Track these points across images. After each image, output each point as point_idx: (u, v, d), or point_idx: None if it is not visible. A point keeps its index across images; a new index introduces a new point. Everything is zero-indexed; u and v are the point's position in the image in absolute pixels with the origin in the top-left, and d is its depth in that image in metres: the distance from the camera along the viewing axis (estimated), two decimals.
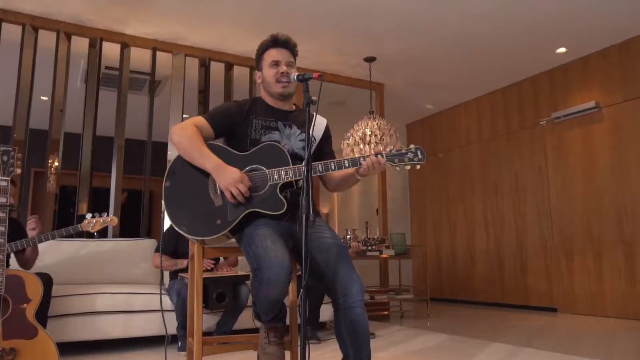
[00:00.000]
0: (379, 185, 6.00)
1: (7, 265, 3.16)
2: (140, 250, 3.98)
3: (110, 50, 4.74)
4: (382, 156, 2.00)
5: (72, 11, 4.28)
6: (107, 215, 3.27)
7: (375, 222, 6.13)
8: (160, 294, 2.02)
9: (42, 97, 5.51)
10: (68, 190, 5.22)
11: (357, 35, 4.75)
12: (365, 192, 8.35)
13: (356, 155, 2.07)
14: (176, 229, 1.92)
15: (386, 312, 5.34)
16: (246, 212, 1.93)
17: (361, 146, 4.98)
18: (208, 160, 1.94)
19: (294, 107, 2.25)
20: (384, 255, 5.16)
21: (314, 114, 2.27)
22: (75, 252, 3.78)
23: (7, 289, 2.05)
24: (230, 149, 2.04)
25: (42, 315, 2.94)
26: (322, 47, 5.05)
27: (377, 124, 5.05)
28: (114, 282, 3.73)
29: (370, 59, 5.27)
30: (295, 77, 1.99)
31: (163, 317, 2.08)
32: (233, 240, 2.08)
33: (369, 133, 4.97)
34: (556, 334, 3.97)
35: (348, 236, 5.06)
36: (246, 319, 3.41)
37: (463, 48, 5.02)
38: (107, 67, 5.26)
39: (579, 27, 4.61)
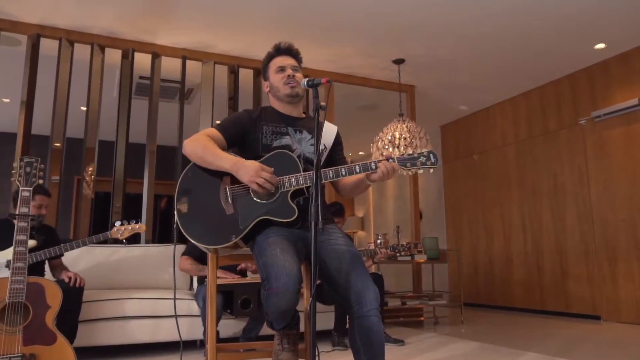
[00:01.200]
0: (410, 189, 5.90)
1: (43, 271, 3.29)
2: (170, 256, 4.04)
3: (143, 61, 4.87)
4: (394, 161, 1.95)
5: (105, 24, 4.41)
6: (136, 222, 3.35)
7: (411, 226, 6.02)
8: (174, 299, 2.03)
9: (81, 108, 5.71)
10: (104, 196, 5.38)
11: (384, 37, 4.70)
12: (400, 196, 8.25)
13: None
14: (188, 238, 1.93)
15: (421, 318, 5.25)
16: (257, 219, 1.93)
17: (390, 149, 4.91)
18: (225, 161, 1.95)
19: (303, 115, 2.24)
20: (420, 260, 5.06)
21: (324, 121, 2.26)
22: (106, 257, 3.89)
23: (27, 296, 2.12)
24: (242, 159, 2.04)
25: (73, 320, 3.04)
26: (349, 51, 5.01)
27: (406, 126, 4.97)
28: (144, 287, 3.81)
29: (398, 61, 5.19)
30: (305, 83, 1.97)
31: (177, 323, 2.11)
32: (247, 248, 2.07)
33: (398, 136, 4.89)
34: (597, 344, 3.79)
35: (378, 240, 4.98)
36: None
37: (494, 47, 4.88)
38: (140, 77, 5.41)
39: (618, 21, 4.40)
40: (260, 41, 4.77)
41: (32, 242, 3.03)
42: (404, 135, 4.89)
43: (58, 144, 4.41)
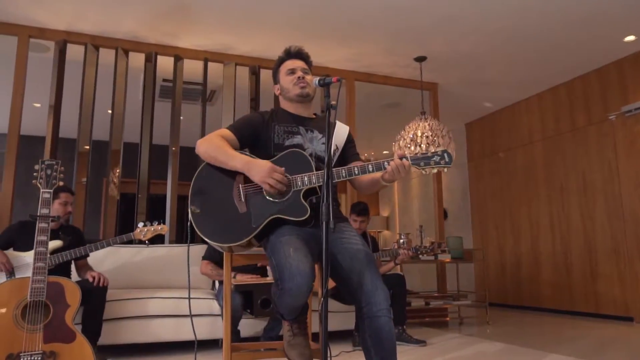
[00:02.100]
0: (434, 188, 5.84)
1: (69, 271, 3.38)
2: (192, 256, 4.08)
3: (166, 64, 4.94)
4: (407, 159, 1.93)
5: (128, 29, 4.50)
6: (159, 224, 3.41)
7: (435, 225, 5.95)
8: (189, 299, 2.06)
9: (109, 111, 5.84)
10: (131, 198, 5.48)
11: (404, 35, 4.65)
12: (425, 195, 8.17)
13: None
14: (201, 236, 1.95)
15: (447, 319, 5.18)
16: (270, 218, 1.93)
17: (412, 148, 4.86)
18: (237, 160, 1.96)
19: (314, 115, 2.25)
20: (444, 260, 4.99)
21: (335, 121, 2.26)
22: (130, 258, 3.96)
23: (47, 295, 2.18)
24: (255, 158, 2.05)
25: (97, 319, 3.11)
26: (370, 50, 4.99)
27: (428, 124, 4.91)
28: (167, 287, 3.87)
29: (420, 59, 5.14)
30: (316, 82, 1.97)
31: (192, 322, 2.12)
32: (261, 247, 2.08)
33: (419, 134, 4.84)
34: (629, 346, 3.67)
35: (401, 240, 4.94)
36: None
37: (519, 42, 4.78)
38: (164, 80, 5.50)
39: None
40: (281, 42, 4.79)
41: (58, 243, 3.14)
42: (425, 133, 4.83)
43: (86, 147, 4.52)
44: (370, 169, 1.94)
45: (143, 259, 4.00)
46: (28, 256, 3.01)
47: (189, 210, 1.99)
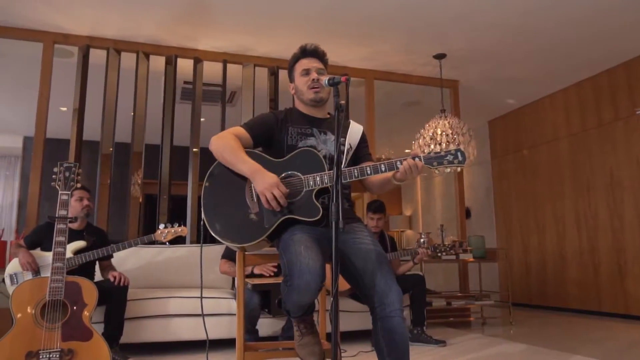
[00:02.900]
0: (455, 187, 5.77)
1: (93, 270, 3.46)
2: (213, 256, 4.13)
3: (187, 66, 5.00)
4: (420, 159, 1.91)
5: (149, 33, 4.57)
6: (179, 225, 3.46)
7: (457, 224, 5.88)
8: (201, 298, 2.08)
9: (131, 113, 5.95)
10: (154, 198, 5.57)
11: (423, 32, 4.61)
12: (447, 194, 8.08)
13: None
14: (213, 235, 1.97)
15: (471, 319, 5.12)
16: (282, 218, 1.94)
17: (432, 146, 4.81)
18: (246, 166, 1.97)
19: (328, 116, 2.24)
20: (466, 259, 4.93)
21: (349, 120, 2.26)
22: (152, 257, 4.03)
23: (65, 295, 2.23)
24: (267, 156, 2.06)
25: (119, 317, 3.17)
26: (388, 48, 4.95)
27: (448, 122, 4.85)
28: (188, 287, 3.92)
29: (440, 56, 5.08)
30: (325, 82, 1.96)
31: (204, 321, 2.14)
32: (274, 247, 2.09)
33: (439, 133, 4.79)
34: None
35: (422, 240, 4.91)
36: None
37: (540, 37, 4.68)
38: (185, 82, 5.57)
39: None
40: (299, 42, 4.68)
41: (82, 243, 3.22)
42: (445, 131, 4.78)
43: (110, 149, 4.61)
44: (383, 169, 1.93)
45: (164, 259, 4.06)
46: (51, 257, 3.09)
47: (202, 208, 2.01)
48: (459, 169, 1.90)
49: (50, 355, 2.09)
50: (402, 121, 6.93)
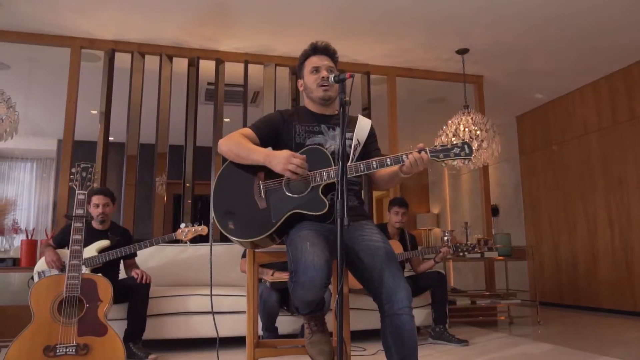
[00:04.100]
0: (481, 184, 5.67)
1: (118, 269, 3.55)
2: (235, 254, 4.19)
3: (210, 68, 5.07)
4: (426, 152, 1.89)
5: (171, 35, 4.66)
6: (199, 225, 3.52)
7: (482, 222, 5.78)
8: (211, 296, 2.11)
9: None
10: (179, 198, 5.68)
11: (444, 27, 4.54)
12: (475, 191, 7.94)
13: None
14: (223, 232, 1.99)
15: (502, 318, 5.03)
16: (289, 213, 1.95)
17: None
18: (257, 154, 1.99)
19: (336, 112, 2.23)
20: (494, 257, 4.84)
21: (358, 115, 2.25)
22: (175, 256, 4.11)
23: (82, 291, 2.30)
24: (273, 150, 2.08)
25: (141, 314, 3.25)
26: (409, 45, 4.90)
27: (471, 118, 4.77)
28: (209, 285, 3.97)
29: (462, 51, 4.99)
30: (332, 79, 1.96)
31: (214, 319, 2.18)
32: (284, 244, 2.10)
33: (462, 129, 4.72)
34: None
35: (445, 238, 4.84)
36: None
37: (566, 29, 4.54)
38: (209, 83, 5.66)
39: None
40: (327, 42, 4.79)
41: (106, 242, 3.31)
42: (468, 127, 4.70)
43: (135, 150, 4.72)
44: (389, 163, 1.92)
45: (187, 258, 4.13)
46: None
47: (211, 208, 2.04)
48: (465, 162, 1.85)
49: (67, 350, 2.16)
50: (427, 118, 6.85)
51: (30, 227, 7.35)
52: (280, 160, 1.91)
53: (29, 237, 4.11)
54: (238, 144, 2.04)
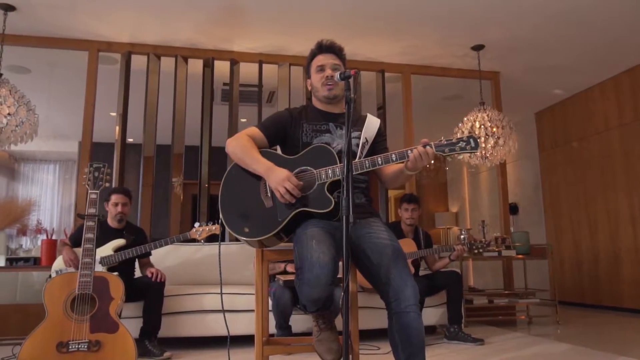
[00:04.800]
0: (498, 181, 5.59)
1: (133, 267, 3.60)
2: (249, 253, 4.20)
3: (226, 68, 5.11)
4: (431, 146, 1.88)
5: (186, 37, 4.71)
6: (213, 224, 3.55)
7: (500, 220, 5.70)
8: (221, 294, 2.12)
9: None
10: (195, 198, 5.73)
11: (458, 23, 4.49)
12: (494, 189, 7.83)
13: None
14: (230, 231, 2.01)
15: (522, 317, 4.96)
16: (295, 211, 1.96)
17: None
18: (259, 164, 2.00)
19: (344, 110, 2.22)
20: (513, 256, 4.77)
21: (367, 114, 2.24)
22: (191, 255, 4.15)
23: (94, 289, 2.34)
24: (281, 154, 2.10)
25: (156, 312, 3.30)
26: (424, 41, 4.86)
27: (487, 115, 4.72)
28: (225, 283, 4.00)
29: (477, 47, 4.93)
30: (337, 77, 1.96)
31: (224, 317, 2.19)
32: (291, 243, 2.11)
33: (478, 126, 4.66)
34: None
35: (462, 236, 4.79)
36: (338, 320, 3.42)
37: (584, 22, 4.44)
38: (224, 84, 5.69)
39: None
40: (332, 39, 4.79)
41: (121, 241, 3.36)
42: (484, 124, 4.64)
43: (151, 151, 4.78)
44: (394, 158, 1.91)
45: (202, 257, 4.17)
46: (97, 254, 3.24)
47: (219, 207, 2.06)
48: (470, 156, 1.83)
49: (79, 346, 2.21)
50: (443, 116, 6.78)
51: (54, 227, 7.52)
52: (276, 178, 1.92)
53: (49, 237, 4.20)
54: (244, 149, 2.05)
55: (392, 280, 1.85)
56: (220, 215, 2.05)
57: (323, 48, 2.22)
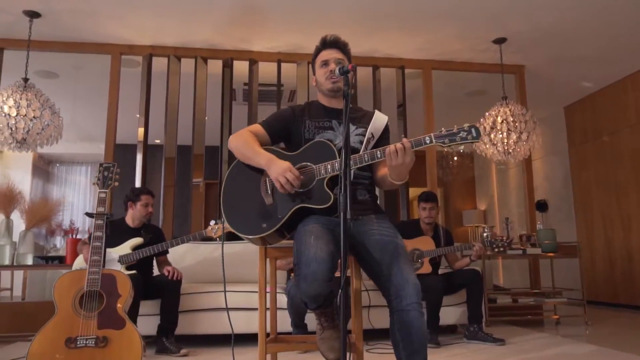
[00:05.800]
0: (523, 178, 5.45)
1: (151, 265, 3.66)
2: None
3: (246, 68, 5.14)
4: (411, 142, 1.80)
5: (205, 38, 4.77)
6: None
7: (526, 217, 5.55)
8: (225, 292, 2.13)
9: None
10: (215, 198, 5.78)
11: (478, 16, 4.39)
12: (522, 186, 7.62)
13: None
14: (232, 229, 2.01)
15: (555, 317, 4.81)
16: (295, 208, 1.95)
17: (492, 135, 4.58)
18: (261, 157, 2.01)
19: (350, 106, 2.19)
20: (540, 254, 4.64)
21: (375, 110, 2.22)
22: (209, 253, 4.19)
23: (102, 286, 2.39)
24: (282, 151, 2.09)
25: (173, 310, 3.34)
26: (443, 36, 4.78)
27: (509, 110, 4.60)
28: (243, 282, 4.02)
29: (499, 40, 4.81)
30: (337, 72, 1.94)
31: (228, 316, 2.19)
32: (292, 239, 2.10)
33: (500, 120, 4.55)
34: None
35: (485, 234, 4.68)
36: None
37: (610, 10, 4.26)
38: (245, 84, 5.73)
39: None
40: (349, 37, 4.60)
41: (139, 240, 3.42)
42: (506, 119, 4.52)
43: (173, 152, 4.85)
44: (379, 155, 1.87)
45: (220, 255, 4.20)
46: (114, 252, 3.32)
47: (221, 205, 2.07)
48: (473, 146, 1.77)
49: (87, 342, 2.26)
50: (467, 111, 6.63)
51: (85, 228, 7.73)
52: (277, 169, 1.92)
53: (74, 236, 4.31)
54: (246, 144, 2.06)
55: (393, 277, 1.82)
56: (222, 214, 2.06)
57: (327, 43, 2.22)
